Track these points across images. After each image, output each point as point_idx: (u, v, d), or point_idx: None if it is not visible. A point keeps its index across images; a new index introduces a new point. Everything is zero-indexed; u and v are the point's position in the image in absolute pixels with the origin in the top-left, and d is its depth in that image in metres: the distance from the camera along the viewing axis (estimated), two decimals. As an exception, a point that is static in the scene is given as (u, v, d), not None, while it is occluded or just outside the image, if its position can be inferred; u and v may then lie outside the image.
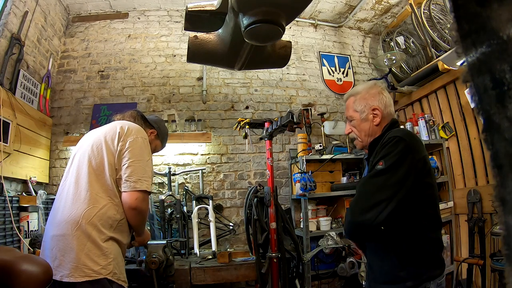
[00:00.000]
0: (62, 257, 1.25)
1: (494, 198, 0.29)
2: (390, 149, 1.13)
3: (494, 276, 2.05)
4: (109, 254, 1.30)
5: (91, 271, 1.24)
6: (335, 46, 3.91)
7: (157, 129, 1.77)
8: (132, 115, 1.71)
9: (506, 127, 0.27)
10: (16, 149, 2.39)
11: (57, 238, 1.30)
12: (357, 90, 1.37)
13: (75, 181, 1.39)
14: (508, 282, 0.28)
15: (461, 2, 0.30)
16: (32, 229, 2.27)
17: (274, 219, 2.03)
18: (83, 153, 1.45)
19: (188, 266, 2.22)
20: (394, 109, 1.35)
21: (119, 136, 1.44)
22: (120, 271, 1.35)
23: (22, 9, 2.60)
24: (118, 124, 1.51)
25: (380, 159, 1.13)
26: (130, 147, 1.42)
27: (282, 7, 1.10)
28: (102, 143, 1.43)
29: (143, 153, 1.45)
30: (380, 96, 1.31)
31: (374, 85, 1.36)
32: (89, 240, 1.27)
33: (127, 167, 1.38)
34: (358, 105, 1.32)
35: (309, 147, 2.97)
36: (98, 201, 1.34)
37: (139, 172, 1.39)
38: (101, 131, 1.51)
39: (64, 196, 1.39)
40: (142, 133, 1.54)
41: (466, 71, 0.30)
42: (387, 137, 1.18)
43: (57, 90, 3.20)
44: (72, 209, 1.32)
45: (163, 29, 3.52)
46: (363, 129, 1.32)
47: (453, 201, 2.51)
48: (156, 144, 1.79)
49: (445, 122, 2.67)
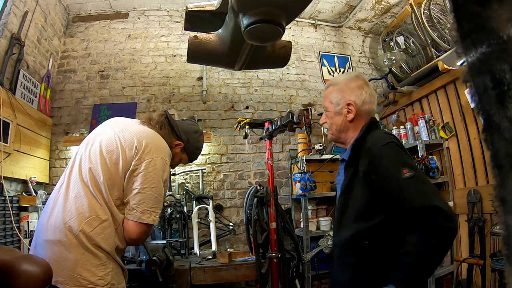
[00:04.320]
0: (57, 263, 1.15)
1: (494, 198, 0.29)
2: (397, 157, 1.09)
3: (494, 276, 2.05)
4: (108, 265, 1.21)
5: (87, 282, 1.16)
6: (335, 46, 3.91)
7: (185, 142, 1.53)
8: (159, 122, 1.47)
9: (506, 127, 0.27)
10: (16, 149, 2.39)
11: (52, 243, 1.19)
12: (337, 80, 1.29)
13: (76, 184, 1.25)
14: (508, 282, 0.28)
15: (461, 2, 0.30)
16: (32, 229, 2.27)
17: (274, 219, 2.03)
18: (91, 155, 1.29)
19: (188, 266, 2.22)
20: (375, 106, 1.26)
21: (135, 152, 1.27)
22: (119, 281, 1.26)
23: (22, 9, 2.60)
24: (136, 136, 1.30)
25: (400, 168, 1.05)
26: (145, 171, 1.25)
27: (282, 7, 1.10)
28: (118, 153, 1.27)
29: (158, 178, 1.28)
30: (359, 91, 1.22)
31: (356, 77, 1.26)
32: (87, 250, 1.18)
33: (137, 193, 1.24)
34: (334, 97, 1.25)
35: (309, 147, 2.97)
36: (100, 213, 1.22)
37: (148, 202, 1.25)
38: (116, 136, 1.32)
39: (62, 198, 1.25)
40: (164, 152, 1.34)
41: (466, 71, 0.30)
42: (379, 145, 1.11)
43: (57, 90, 3.20)
44: (70, 215, 1.20)
45: (163, 29, 3.52)
46: (335, 122, 1.25)
47: (453, 201, 2.51)
48: (182, 157, 1.58)
49: (445, 122, 2.67)
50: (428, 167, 2.35)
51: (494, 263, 1.90)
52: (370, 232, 1.07)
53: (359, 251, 1.08)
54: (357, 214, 1.11)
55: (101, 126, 1.43)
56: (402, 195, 1.02)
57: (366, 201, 1.09)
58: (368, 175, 1.09)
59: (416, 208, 0.99)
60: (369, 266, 1.07)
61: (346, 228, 1.14)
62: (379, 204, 1.07)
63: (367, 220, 1.08)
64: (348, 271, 1.13)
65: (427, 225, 0.97)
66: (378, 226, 1.07)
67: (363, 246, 1.07)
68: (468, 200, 2.34)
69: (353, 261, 1.11)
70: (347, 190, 1.17)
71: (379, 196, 1.07)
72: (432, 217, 0.96)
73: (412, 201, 1.00)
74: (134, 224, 1.24)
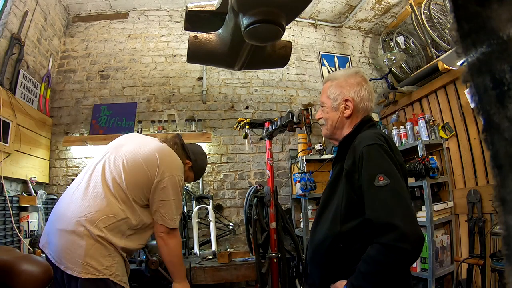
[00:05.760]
0: (69, 250, 1.29)
1: (494, 198, 0.29)
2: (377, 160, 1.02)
3: (494, 276, 2.05)
4: (115, 257, 1.35)
5: (93, 269, 1.28)
6: (335, 46, 3.91)
7: (193, 162, 1.77)
8: (175, 142, 1.69)
9: (506, 127, 0.27)
10: (16, 149, 2.39)
11: (66, 232, 1.32)
12: (336, 76, 1.26)
13: (97, 183, 1.42)
14: (508, 282, 0.28)
15: (461, 2, 0.30)
16: (32, 229, 2.27)
17: (274, 219, 2.03)
18: (115, 163, 1.48)
19: (188, 266, 2.22)
20: (373, 104, 1.24)
21: (158, 168, 1.47)
22: (123, 273, 1.39)
23: (22, 9, 2.60)
24: (156, 152, 1.51)
25: (376, 173, 0.99)
26: (168, 185, 1.48)
27: (282, 7, 1.10)
28: (140, 164, 1.47)
29: (178, 191, 1.52)
30: (358, 87, 1.20)
31: (355, 73, 1.24)
32: (98, 242, 1.31)
33: (164, 205, 1.47)
34: (332, 92, 1.22)
35: (309, 147, 2.97)
36: (117, 214, 1.38)
37: (173, 211, 1.49)
38: (138, 150, 1.52)
39: (81, 192, 1.40)
40: (180, 170, 1.57)
41: (466, 71, 0.30)
42: (362, 145, 1.06)
43: (57, 90, 3.20)
44: (88, 209, 1.35)
45: (163, 29, 3.52)
46: (331, 118, 1.22)
47: (453, 201, 2.51)
48: (189, 175, 1.79)
49: (445, 122, 2.66)
50: (428, 167, 2.35)
51: (494, 263, 1.90)
52: (347, 234, 1.03)
53: (333, 253, 1.05)
54: (336, 214, 1.06)
55: (122, 139, 1.64)
56: (368, 203, 0.99)
57: (347, 201, 1.05)
58: (351, 175, 1.06)
59: (373, 221, 0.95)
60: (341, 268, 1.04)
61: (323, 228, 1.10)
62: (358, 206, 1.02)
63: (344, 222, 1.04)
64: (320, 272, 1.10)
65: (380, 242, 0.93)
66: (355, 229, 1.02)
67: (337, 248, 1.03)
68: (468, 200, 2.34)
69: (324, 262, 1.08)
70: (330, 188, 1.14)
71: (359, 198, 1.02)
72: (384, 235, 0.92)
73: (372, 213, 0.97)
74: (161, 227, 1.48)
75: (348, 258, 1.02)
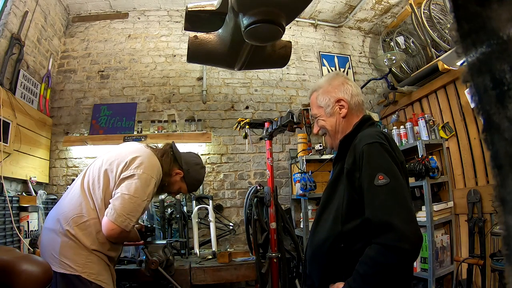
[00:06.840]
0: (50, 247, 1.39)
1: (494, 198, 0.29)
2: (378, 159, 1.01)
3: (494, 276, 2.05)
4: (88, 256, 1.39)
5: (68, 266, 1.35)
6: (335, 46, 3.90)
7: (186, 172, 1.68)
8: (164, 150, 1.65)
9: (506, 127, 0.27)
10: (16, 149, 2.39)
11: (48, 230, 1.44)
12: (319, 84, 1.26)
13: (77, 185, 1.52)
14: (508, 282, 0.28)
15: (461, 2, 0.30)
16: (32, 229, 2.27)
17: (274, 219, 2.03)
18: (94, 167, 1.54)
19: (188, 266, 2.22)
20: (363, 98, 1.23)
21: (126, 165, 1.46)
22: (99, 272, 1.41)
23: (22, 9, 2.60)
24: (130, 154, 1.50)
25: (376, 172, 0.99)
26: (131, 180, 1.42)
27: (282, 7, 1.10)
28: (114, 164, 1.49)
29: (141, 191, 1.42)
30: (343, 86, 1.19)
31: (336, 75, 1.25)
32: (71, 240, 1.38)
33: (119, 197, 1.39)
34: (321, 100, 1.21)
35: (309, 147, 2.97)
36: (87, 214, 1.43)
37: (127, 208, 1.38)
38: (117, 153, 1.55)
39: (67, 193, 1.55)
40: (153, 170, 1.49)
41: (466, 71, 0.30)
42: (363, 143, 1.04)
43: (57, 90, 3.20)
44: (64, 208, 1.46)
45: (163, 29, 3.52)
46: (329, 124, 1.20)
47: (453, 201, 2.51)
48: (181, 186, 1.72)
49: (445, 122, 2.66)
50: (428, 167, 2.35)
51: (494, 263, 1.90)
52: (348, 234, 1.02)
53: (334, 253, 1.04)
54: (337, 213, 1.05)
55: (116, 146, 1.69)
56: (367, 202, 0.98)
57: (348, 201, 1.04)
58: (352, 174, 1.05)
59: (372, 221, 0.95)
60: (341, 269, 1.02)
61: (323, 228, 1.09)
62: (359, 206, 1.01)
63: (346, 222, 1.03)
64: (320, 273, 1.09)
65: (378, 242, 0.92)
66: (356, 228, 1.01)
67: (339, 249, 1.02)
68: (468, 200, 2.34)
69: (325, 262, 1.07)
70: (331, 188, 1.13)
71: (360, 197, 1.01)
72: (383, 235, 0.91)
73: (371, 212, 0.96)
74: (108, 222, 1.37)
75: (349, 259, 1.01)
